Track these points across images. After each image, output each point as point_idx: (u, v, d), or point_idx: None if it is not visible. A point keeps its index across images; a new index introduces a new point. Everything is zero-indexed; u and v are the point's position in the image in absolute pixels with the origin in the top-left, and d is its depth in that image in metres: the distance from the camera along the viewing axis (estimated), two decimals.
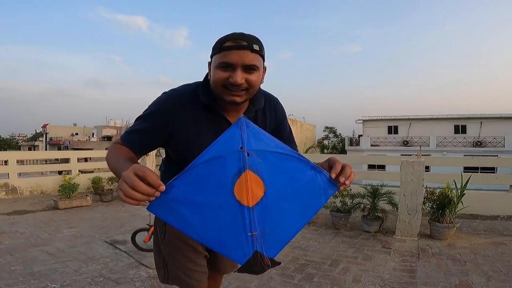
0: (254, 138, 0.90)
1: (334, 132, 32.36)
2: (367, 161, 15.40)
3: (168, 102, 1.05)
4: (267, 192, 0.89)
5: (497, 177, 5.44)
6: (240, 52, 0.96)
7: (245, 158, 0.86)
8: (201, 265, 1.29)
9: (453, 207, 3.85)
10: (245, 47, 0.96)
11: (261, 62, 1.02)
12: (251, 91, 1.02)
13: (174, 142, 1.09)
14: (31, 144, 46.19)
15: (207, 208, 0.86)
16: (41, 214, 5.14)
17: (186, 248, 1.24)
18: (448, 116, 25.66)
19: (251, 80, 0.99)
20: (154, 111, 1.06)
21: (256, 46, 0.97)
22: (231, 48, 0.96)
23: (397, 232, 3.96)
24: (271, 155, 0.91)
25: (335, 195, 4.56)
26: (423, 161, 3.96)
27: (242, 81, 0.97)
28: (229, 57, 0.96)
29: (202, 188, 0.85)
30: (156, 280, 2.68)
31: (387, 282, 2.65)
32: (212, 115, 1.07)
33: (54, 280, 2.65)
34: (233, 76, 0.96)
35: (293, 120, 26.32)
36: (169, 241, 1.25)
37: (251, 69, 0.98)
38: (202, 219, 0.87)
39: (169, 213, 0.85)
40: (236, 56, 0.95)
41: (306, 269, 2.95)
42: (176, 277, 1.28)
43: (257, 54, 0.98)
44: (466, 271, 2.86)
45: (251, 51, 0.97)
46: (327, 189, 0.96)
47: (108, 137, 35.92)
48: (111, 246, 3.58)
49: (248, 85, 0.99)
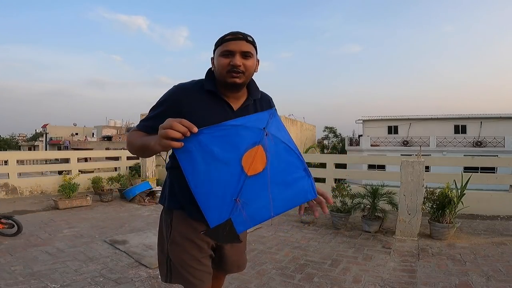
0: (275, 127, 1.11)
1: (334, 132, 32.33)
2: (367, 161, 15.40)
3: (176, 91, 1.24)
4: (266, 169, 1.05)
5: (497, 177, 5.43)
6: (238, 42, 1.18)
7: (263, 136, 1.06)
8: (205, 264, 1.31)
9: (453, 207, 3.84)
10: (241, 38, 1.19)
11: (255, 52, 1.24)
12: (247, 74, 1.21)
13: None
14: (31, 144, 46.19)
15: (216, 160, 1.02)
16: (41, 214, 5.14)
17: (191, 247, 1.27)
18: (448, 116, 25.64)
19: (247, 65, 1.19)
20: (164, 99, 1.25)
21: (250, 38, 1.20)
22: (231, 39, 1.18)
23: (397, 232, 3.96)
24: (281, 144, 1.10)
25: (335, 195, 4.57)
26: (423, 161, 3.96)
27: (240, 63, 1.17)
28: (229, 46, 1.18)
29: (222, 142, 1.03)
30: (156, 280, 2.68)
31: (387, 282, 2.65)
32: (216, 99, 1.24)
33: (54, 280, 2.65)
34: (233, 60, 1.17)
35: (293, 120, 26.30)
36: (174, 239, 1.29)
37: (247, 55, 1.19)
38: (207, 168, 1.02)
39: (186, 154, 1.02)
40: (235, 45, 1.18)
41: (306, 269, 2.95)
42: (180, 275, 1.30)
43: (250, 44, 1.20)
44: (466, 271, 2.86)
45: (246, 41, 1.19)
46: (307, 193, 1.12)
47: (108, 137, 35.90)
48: (111, 246, 3.58)
49: (245, 68, 1.19)
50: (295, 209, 1.17)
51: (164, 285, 2.59)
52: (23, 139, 59.10)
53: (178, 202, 1.27)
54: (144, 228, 4.35)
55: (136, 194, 6.30)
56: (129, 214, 5.26)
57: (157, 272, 2.86)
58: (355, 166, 17.29)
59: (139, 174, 7.83)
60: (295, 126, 26.07)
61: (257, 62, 1.28)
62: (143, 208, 5.81)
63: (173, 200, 1.30)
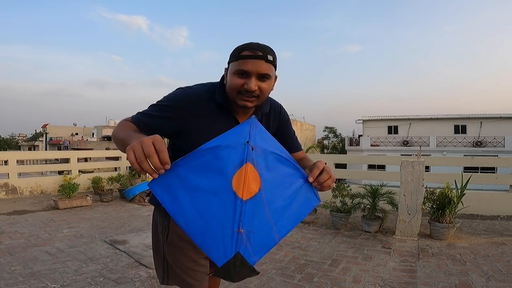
0: (260, 137, 0.95)
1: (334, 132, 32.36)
2: (367, 161, 15.41)
3: (183, 101, 1.11)
4: (262, 189, 0.90)
5: (497, 177, 5.43)
6: (256, 61, 1.03)
7: (249, 151, 0.89)
8: (202, 265, 1.29)
9: (453, 207, 3.85)
10: (260, 57, 1.04)
11: (274, 72, 1.09)
12: (261, 98, 1.10)
13: (184, 135, 1.15)
14: (31, 144, 46.17)
15: (203, 192, 0.87)
16: (41, 214, 5.14)
17: (188, 248, 1.24)
18: (448, 116, 25.65)
19: (263, 88, 1.07)
20: (168, 105, 1.12)
21: (270, 57, 1.05)
22: (248, 57, 1.03)
23: (397, 232, 3.96)
24: (271, 155, 0.95)
25: (335, 195, 4.57)
26: (423, 161, 3.96)
27: (255, 88, 1.04)
28: (245, 65, 1.03)
29: (204, 171, 0.88)
30: (156, 280, 2.68)
31: (387, 282, 2.65)
32: (223, 114, 1.14)
33: (54, 280, 2.65)
34: (248, 83, 1.04)
35: (293, 120, 26.32)
36: (171, 241, 1.25)
37: (264, 77, 1.06)
38: (194, 203, 0.87)
39: (166, 192, 0.88)
40: (252, 65, 1.03)
41: (306, 269, 2.95)
42: (177, 277, 1.28)
43: (270, 64, 1.06)
44: (466, 271, 2.86)
45: (266, 61, 1.04)
46: (311, 200, 1.00)
47: (108, 137, 35.87)
48: (111, 246, 3.58)
49: (260, 92, 1.07)
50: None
51: (164, 286, 2.59)
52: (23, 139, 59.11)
53: None
54: (144, 228, 4.35)
55: (136, 194, 6.30)
56: (129, 214, 5.26)
57: None
58: (355, 166, 17.31)
59: (139, 174, 7.83)
60: (295, 126, 26.08)
61: (275, 79, 1.15)
62: (143, 208, 5.81)
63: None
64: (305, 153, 1.40)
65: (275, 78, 1.14)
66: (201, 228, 0.88)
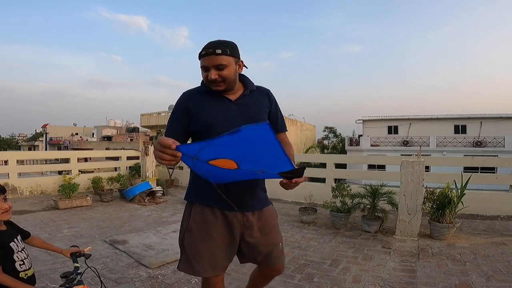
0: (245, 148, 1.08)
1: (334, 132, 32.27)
2: (367, 161, 15.40)
3: (183, 99, 1.46)
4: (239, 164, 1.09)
5: (497, 177, 5.42)
6: (209, 57, 1.32)
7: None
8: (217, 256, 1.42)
9: (453, 207, 3.84)
10: (211, 53, 1.31)
11: (229, 60, 1.34)
12: (228, 81, 1.36)
13: (194, 119, 1.43)
14: (31, 144, 46.12)
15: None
16: (41, 214, 5.14)
17: (206, 238, 1.41)
18: (448, 116, 25.62)
19: (223, 74, 1.34)
20: (176, 108, 1.47)
21: (219, 50, 1.31)
22: (204, 55, 1.34)
23: (397, 232, 3.96)
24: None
25: (335, 195, 4.57)
26: (423, 161, 3.96)
27: (215, 77, 1.33)
28: (204, 62, 1.34)
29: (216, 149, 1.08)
30: (156, 280, 2.68)
31: (387, 282, 2.65)
32: (215, 96, 1.43)
33: (54, 280, 2.64)
34: (209, 75, 1.33)
35: (293, 120, 26.29)
36: (190, 228, 1.44)
37: (220, 67, 1.32)
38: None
39: (194, 166, 1.14)
40: (207, 60, 1.33)
41: (306, 269, 2.95)
42: (188, 262, 1.43)
43: (222, 55, 1.31)
44: (466, 271, 2.86)
45: (215, 54, 1.31)
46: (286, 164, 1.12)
47: (108, 137, 35.87)
48: (111, 246, 3.58)
49: (222, 78, 1.34)
50: (295, 209, 1.17)
51: (164, 285, 2.59)
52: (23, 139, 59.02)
53: (197, 194, 1.46)
54: (144, 228, 4.35)
55: (136, 194, 6.30)
56: (129, 214, 5.26)
57: (157, 272, 2.86)
58: (355, 166, 17.29)
59: (139, 174, 7.83)
60: (295, 126, 26.06)
61: (239, 63, 1.40)
62: (143, 208, 5.81)
63: (192, 193, 1.50)
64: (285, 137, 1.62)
65: (237, 62, 1.39)
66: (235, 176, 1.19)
